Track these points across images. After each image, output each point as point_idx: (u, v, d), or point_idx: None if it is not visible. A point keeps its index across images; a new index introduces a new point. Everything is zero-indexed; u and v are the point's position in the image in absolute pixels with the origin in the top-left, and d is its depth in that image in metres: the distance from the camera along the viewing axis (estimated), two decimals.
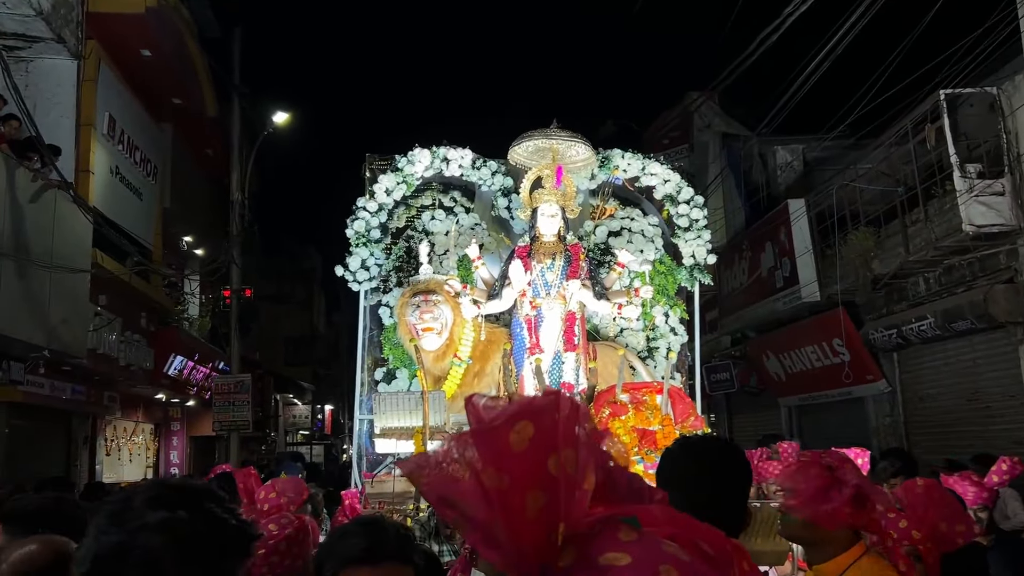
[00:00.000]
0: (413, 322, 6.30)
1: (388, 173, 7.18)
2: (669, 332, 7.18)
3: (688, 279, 7.23)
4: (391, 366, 7.10)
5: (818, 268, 12.06)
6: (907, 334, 10.49)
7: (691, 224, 7.24)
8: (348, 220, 7.14)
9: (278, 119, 16.80)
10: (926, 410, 11.04)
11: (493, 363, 6.56)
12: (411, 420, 5.01)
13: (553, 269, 6.45)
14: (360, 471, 7.11)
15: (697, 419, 5.07)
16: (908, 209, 9.81)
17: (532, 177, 6.66)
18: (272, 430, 29.20)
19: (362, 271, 7.08)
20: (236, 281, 16.96)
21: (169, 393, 16.90)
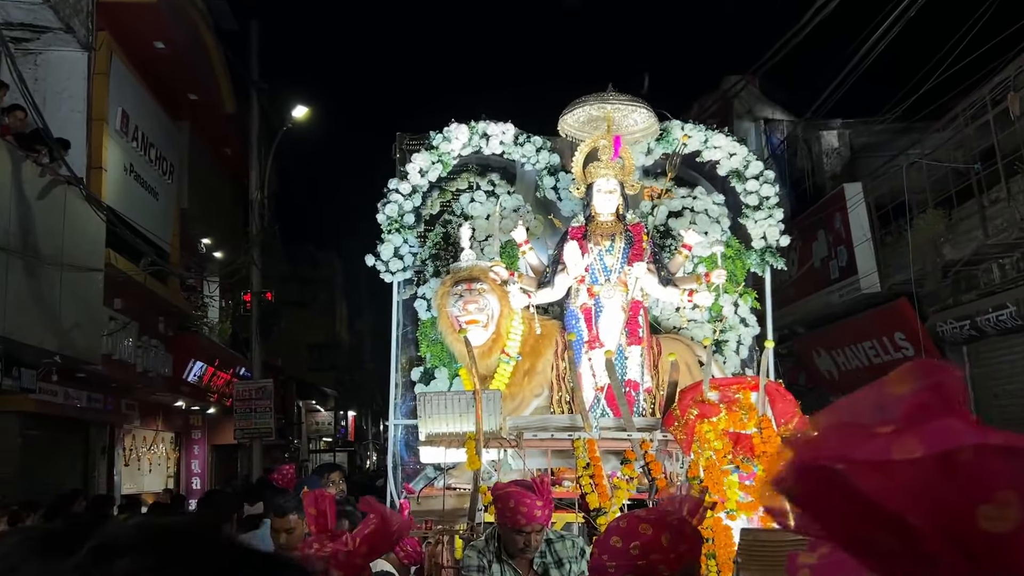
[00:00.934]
0: (456, 314, 5.57)
1: (422, 152, 6.46)
2: (739, 324, 6.41)
3: (759, 263, 6.46)
4: (429, 365, 6.39)
5: (878, 257, 11.22)
6: (982, 325, 9.64)
7: (761, 202, 6.47)
8: (379, 204, 6.44)
9: (298, 114, 16.13)
10: (1004, 409, 10.17)
11: (545, 360, 5.81)
12: (462, 424, 4.29)
13: (613, 252, 5.71)
14: (397, 483, 6.41)
15: (801, 420, 4.31)
16: (985, 188, 8.97)
17: (586, 149, 5.92)
18: (295, 437, 28.63)
19: (395, 260, 6.38)
20: (257, 283, 16.32)
21: (189, 400, 16.32)
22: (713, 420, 4.08)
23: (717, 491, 4.01)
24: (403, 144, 7.09)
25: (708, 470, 4.02)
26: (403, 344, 6.86)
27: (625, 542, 1.94)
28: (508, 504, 3.31)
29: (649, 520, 1.95)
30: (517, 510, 3.29)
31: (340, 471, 5.44)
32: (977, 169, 8.90)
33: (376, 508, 2.45)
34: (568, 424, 4.53)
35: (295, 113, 16.25)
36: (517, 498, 3.28)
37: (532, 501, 3.32)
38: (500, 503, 3.35)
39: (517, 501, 3.28)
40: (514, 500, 3.28)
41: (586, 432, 4.33)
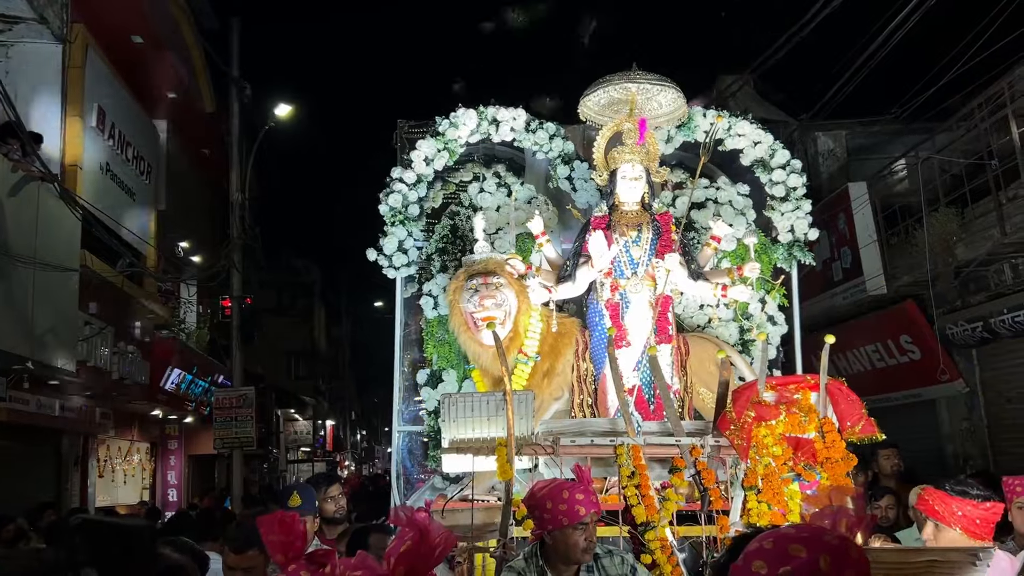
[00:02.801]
0: (471, 310, 5.14)
1: (427, 139, 6.04)
2: (767, 321, 6.02)
3: (786, 258, 6.09)
4: (436, 367, 5.94)
5: (884, 258, 10.91)
6: (996, 327, 9.33)
7: (788, 193, 6.10)
8: (381, 195, 6.00)
9: (280, 112, 15.63)
10: (1017, 412, 9.87)
11: (565, 360, 5.39)
12: (491, 429, 3.86)
13: (640, 243, 5.30)
14: (401, 494, 5.97)
15: (868, 423, 3.92)
16: (1003, 185, 8.67)
17: (609, 133, 5.52)
18: (274, 447, 28.05)
19: (399, 255, 5.94)
20: (237, 287, 15.77)
21: (166, 409, 15.76)
22: (771, 423, 3.68)
23: (777, 502, 3.62)
24: (404, 132, 6.68)
25: (767, 478, 3.62)
26: (405, 345, 6.43)
27: (772, 567, 1.51)
28: (561, 498, 3.03)
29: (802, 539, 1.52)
30: (573, 501, 3.03)
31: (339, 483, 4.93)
32: (994, 165, 8.61)
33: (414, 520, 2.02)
34: (609, 428, 4.12)
35: (278, 112, 15.74)
36: (569, 489, 3.04)
37: (585, 489, 3.09)
38: (550, 502, 3.05)
39: (571, 492, 3.03)
40: (568, 492, 3.03)
41: (630, 437, 3.92)
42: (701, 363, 5.39)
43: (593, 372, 5.33)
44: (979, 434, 10.37)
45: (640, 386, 5.09)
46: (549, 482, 3.17)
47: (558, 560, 3.15)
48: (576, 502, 3.04)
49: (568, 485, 3.09)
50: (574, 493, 3.06)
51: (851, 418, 3.86)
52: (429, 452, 5.86)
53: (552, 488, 3.08)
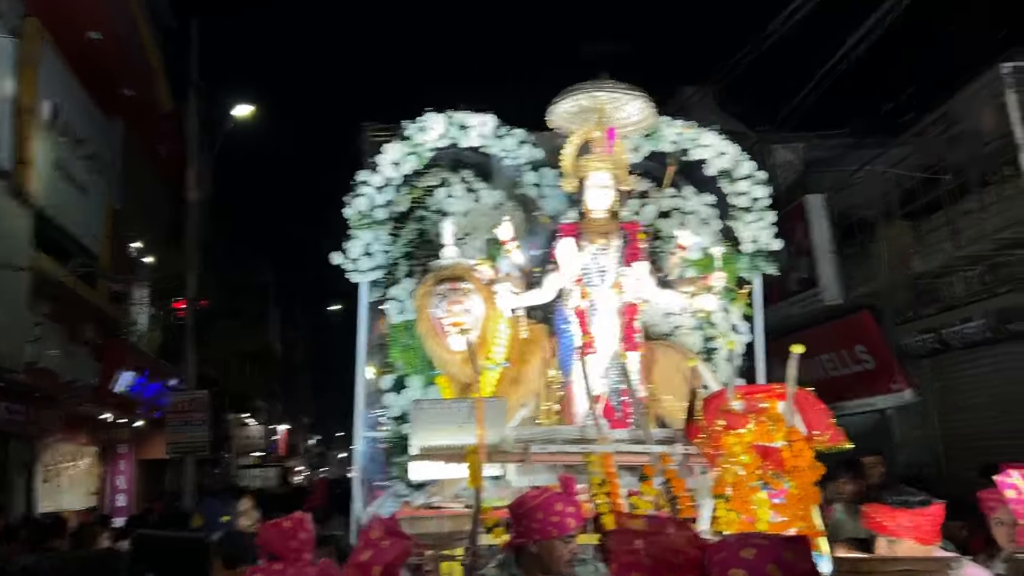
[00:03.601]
0: (439, 316, 5.10)
1: (395, 143, 5.99)
2: (730, 330, 6.08)
3: (749, 268, 6.15)
4: (401, 372, 5.89)
5: (840, 269, 11.12)
6: (948, 338, 9.56)
7: (752, 204, 6.17)
8: (347, 198, 5.94)
9: (239, 113, 15.43)
10: (968, 422, 10.10)
11: (532, 367, 5.38)
12: (461, 436, 3.82)
13: (608, 251, 5.32)
14: (364, 503, 5.90)
15: (835, 432, 3.96)
16: (956, 199, 8.88)
17: (578, 141, 5.53)
18: (226, 451, 27.61)
19: (364, 258, 5.88)
20: (192, 289, 15.51)
21: (116, 412, 15.42)
22: (740, 432, 3.71)
23: (746, 510, 3.64)
24: (370, 135, 6.63)
25: (736, 487, 3.64)
26: (368, 351, 6.37)
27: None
28: (552, 510, 3.03)
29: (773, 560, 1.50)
30: (564, 514, 3.04)
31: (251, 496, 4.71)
32: (948, 180, 8.82)
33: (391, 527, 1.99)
34: (579, 436, 4.12)
35: (237, 112, 15.54)
36: (563, 502, 3.05)
37: (575, 502, 3.10)
38: (541, 512, 3.04)
39: (563, 505, 3.04)
40: (560, 504, 3.03)
41: (601, 445, 3.91)
42: (666, 371, 5.41)
43: (560, 379, 5.33)
44: (931, 443, 10.59)
45: (607, 394, 5.10)
46: (541, 491, 3.17)
47: (538, 570, 3.14)
48: (567, 515, 3.06)
49: (560, 497, 3.10)
50: (566, 506, 3.08)
51: (819, 427, 3.90)
52: (392, 459, 5.81)
53: (545, 499, 3.08)
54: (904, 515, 3.17)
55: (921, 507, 3.18)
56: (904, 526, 3.13)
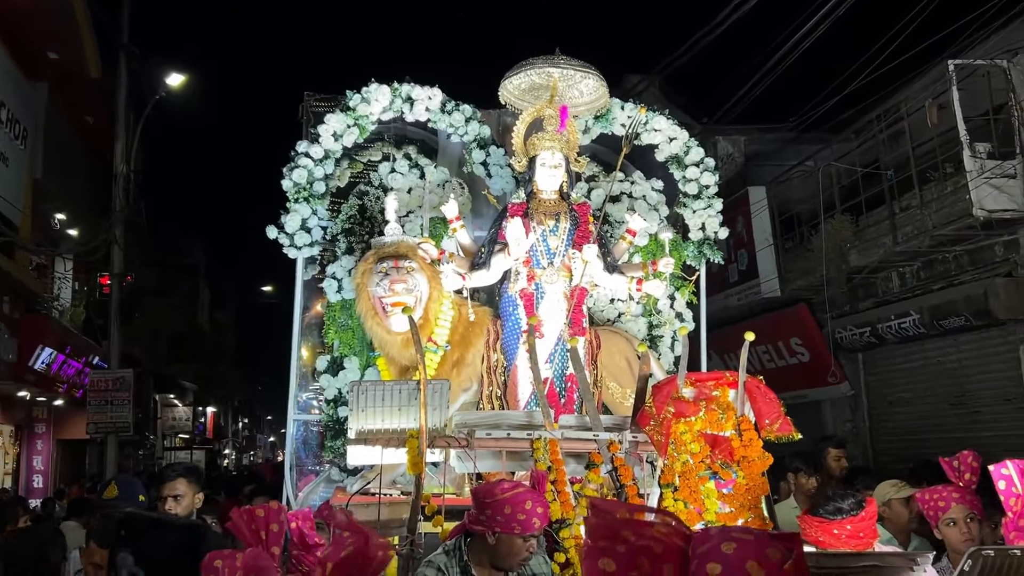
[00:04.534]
0: (380, 295, 4.88)
1: (336, 113, 5.74)
2: (675, 318, 6.00)
3: (696, 255, 6.08)
4: (337, 353, 5.66)
5: (779, 261, 11.20)
6: (883, 332, 9.69)
7: (700, 191, 6.09)
8: (285, 170, 5.68)
9: (173, 82, 14.84)
10: (897, 415, 10.29)
11: (476, 350, 5.21)
12: (401, 420, 3.64)
13: (557, 233, 5.17)
14: (294, 485, 5.67)
15: (785, 422, 3.89)
16: (897, 195, 8.98)
17: (529, 118, 5.36)
18: (151, 433, 26.85)
19: (302, 233, 5.63)
20: (118, 264, 14.90)
21: (34, 390, 14.77)
22: (690, 420, 3.61)
23: (694, 500, 3.54)
24: (311, 106, 6.36)
25: (684, 476, 3.54)
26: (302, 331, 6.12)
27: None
28: (522, 507, 2.93)
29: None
30: (532, 513, 2.94)
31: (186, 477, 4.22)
32: (890, 176, 8.91)
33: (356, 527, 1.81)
34: (525, 421, 3.96)
35: (170, 81, 14.94)
36: (533, 501, 2.97)
37: (542, 500, 3.03)
38: (510, 507, 2.93)
39: (533, 504, 2.96)
40: (531, 503, 2.95)
41: (548, 431, 3.77)
42: (611, 358, 5.31)
43: (504, 363, 5.18)
44: (861, 435, 10.76)
45: (552, 379, 4.97)
46: (514, 485, 3.08)
47: (490, 561, 3.02)
48: (535, 514, 2.97)
49: (532, 495, 3.02)
50: (536, 505, 2.99)
51: (769, 416, 3.83)
52: (326, 442, 5.59)
53: (516, 494, 2.98)
54: (839, 525, 3.07)
55: (853, 515, 3.10)
56: (840, 537, 3.02)
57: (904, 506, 4.38)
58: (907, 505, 4.36)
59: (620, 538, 1.39)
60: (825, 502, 3.25)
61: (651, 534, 1.39)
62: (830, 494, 3.42)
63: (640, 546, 1.37)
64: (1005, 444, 8.38)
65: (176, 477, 4.06)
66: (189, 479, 4.08)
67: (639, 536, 1.38)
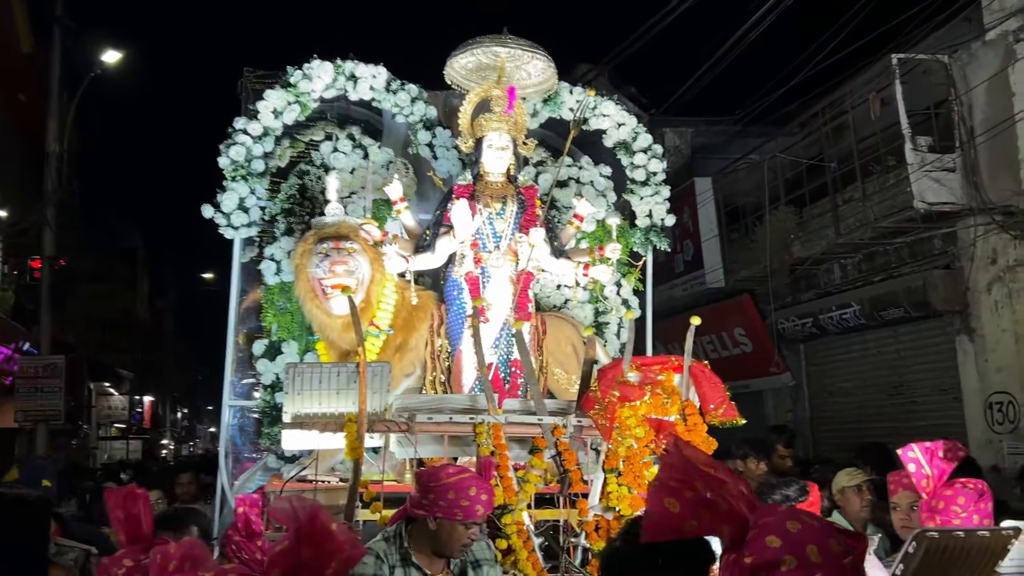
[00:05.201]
0: (320, 276, 4.73)
1: (276, 90, 5.57)
2: (621, 305, 5.96)
3: (643, 243, 6.05)
4: (275, 338, 5.50)
5: (724, 252, 11.27)
6: (824, 323, 9.81)
7: (648, 177, 6.06)
8: (222, 146, 5.48)
9: (109, 59, 14.36)
10: (837, 405, 10.44)
11: (419, 335, 5.09)
12: (339, 404, 3.51)
13: (504, 216, 5.07)
14: (228, 473, 5.50)
15: (729, 407, 3.86)
16: (840, 188, 9.08)
17: (476, 99, 5.25)
18: (85, 422, 26.12)
19: (239, 213, 5.45)
20: (50, 248, 14.42)
21: None
22: (635, 404, 3.55)
23: (638, 485, 3.49)
24: (250, 82, 6.16)
25: (628, 461, 3.48)
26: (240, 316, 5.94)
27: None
28: (465, 493, 2.85)
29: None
30: (476, 500, 2.87)
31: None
32: (833, 168, 9.00)
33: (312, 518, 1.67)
34: (468, 405, 3.87)
35: (105, 58, 14.45)
36: (477, 487, 2.90)
37: (486, 487, 2.96)
38: (453, 492, 2.85)
39: (477, 491, 2.88)
40: (475, 489, 2.88)
41: (491, 415, 3.68)
42: (557, 343, 5.24)
43: (448, 348, 5.07)
44: (802, 425, 10.89)
45: (497, 364, 4.88)
46: (459, 471, 2.99)
47: (431, 547, 2.92)
48: (479, 501, 2.89)
49: (476, 481, 2.94)
50: (480, 492, 2.91)
51: (714, 401, 3.80)
52: (264, 429, 5.43)
53: (461, 479, 2.89)
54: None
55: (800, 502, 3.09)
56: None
57: (856, 494, 4.36)
58: (859, 493, 4.35)
59: (692, 485, 1.43)
60: (771, 490, 3.24)
61: (722, 492, 1.43)
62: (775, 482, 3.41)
63: (707, 499, 1.42)
64: (939, 432, 8.45)
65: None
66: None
67: (710, 489, 1.42)
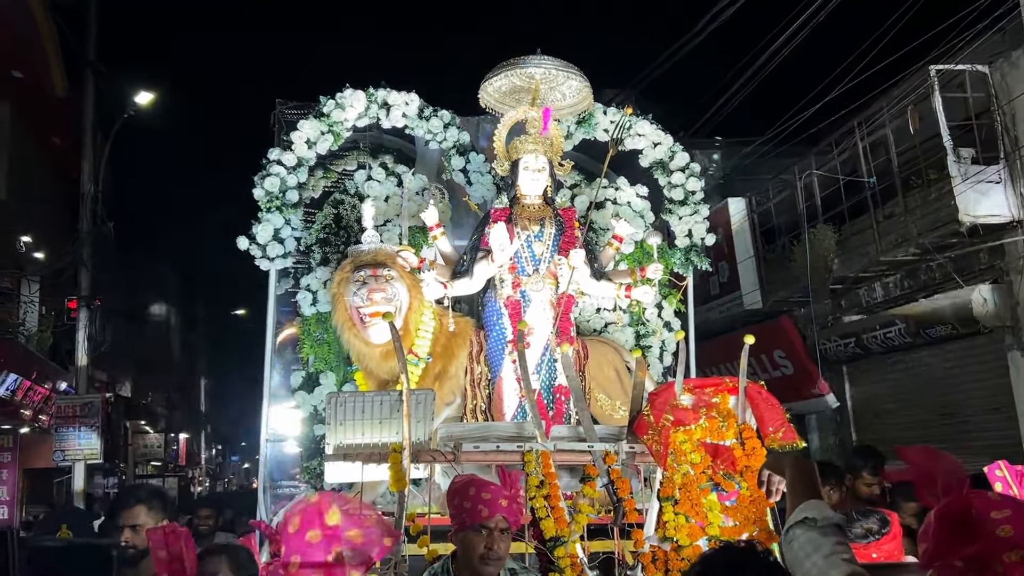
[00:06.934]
0: (357, 304, 4.64)
1: (310, 120, 5.53)
2: (663, 327, 5.82)
3: (683, 263, 5.91)
4: (312, 369, 5.42)
5: (761, 273, 11.08)
6: (868, 343, 9.57)
7: (687, 196, 5.94)
8: (256, 178, 5.45)
9: (141, 100, 14.56)
10: (883, 427, 10.15)
11: (458, 362, 4.98)
12: (383, 434, 3.40)
13: (542, 238, 4.97)
14: (267, 509, 5.40)
15: (789, 430, 3.69)
16: (880, 203, 8.89)
17: (511, 121, 5.18)
18: (122, 461, 26.26)
19: (274, 244, 5.39)
20: (85, 287, 14.54)
21: None
22: (690, 428, 3.41)
23: (696, 513, 3.34)
24: (282, 114, 6.15)
25: (685, 488, 3.33)
26: (276, 348, 5.87)
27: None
28: (467, 495, 2.67)
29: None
30: (477, 500, 2.66)
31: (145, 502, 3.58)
32: (872, 183, 8.82)
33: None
34: (515, 433, 3.74)
35: (138, 100, 14.65)
36: (478, 486, 2.69)
37: (497, 490, 2.71)
38: (458, 498, 2.69)
39: (478, 489, 2.68)
40: (474, 488, 2.68)
41: (540, 443, 3.55)
42: (600, 368, 5.11)
43: (488, 375, 4.96)
44: (847, 448, 10.60)
45: (540, 390, 4.75)
46: (465, 478, 2.81)
47: (465, 570, 2.75)
48: (480, 501, 2.66)
49: (478, 482, 2.73)
50: (480, 492, 2.68)
51: (772, 423, 3.63)
52: (303, 463, 5.33)
53: (464, 485, 2.71)
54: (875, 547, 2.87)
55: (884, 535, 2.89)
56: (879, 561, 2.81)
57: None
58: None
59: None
60: (850, 523, 3.00)
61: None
62: (854, 515, 3.16)
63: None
64: (994, 454, 8.25)
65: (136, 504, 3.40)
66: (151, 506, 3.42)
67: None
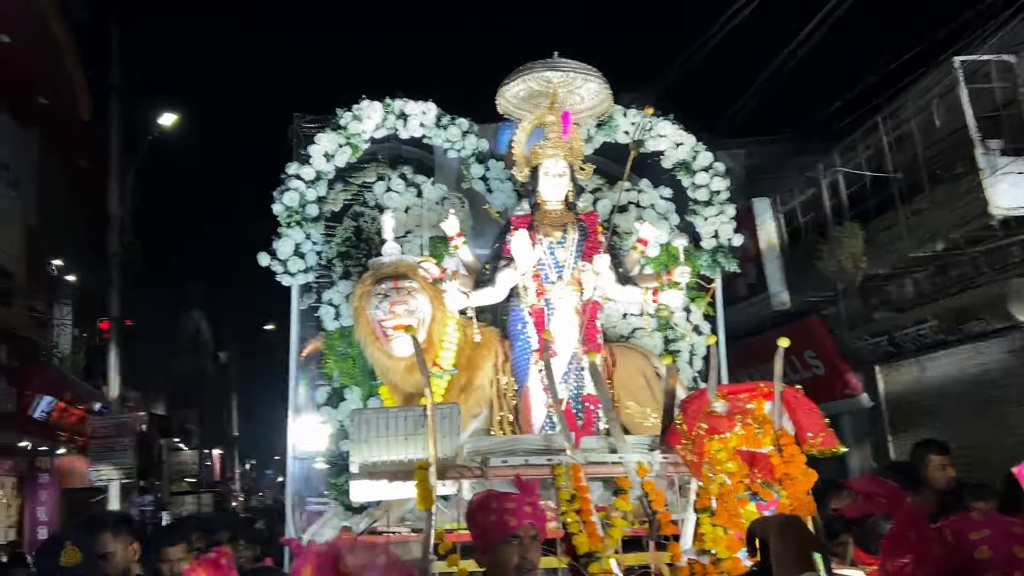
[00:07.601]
0: (380, 318, 4.60)
1: (327, 132, 5.51)
2: (692, 331, 5.71)
3: (710, 265, 5.81)
4: (337, 384, 5.37)
5: (788, 273, 10.90)
6: (900, 340, 9.37)
7: (711, 197, 5.84)
8: (275, 193, 5.43)
9: (165, 121, 14.69)
10: (919, 425, 9.91)
11: (484, 373, 4.92)
12: (408, 450, 3.34)
13: (565, 244, 4.91)
14: (295, 526, 5.36)
15: (828, 435, 3.56)
16: (908, 198, 8.70)
17: (530, 126, 5.12)
18: (157, 479, 26.45)
19: (295, 259, 5.37)
20: (116, 307, 14.68)
21: (36, 440, 14.44)
22: (725, 436, 3.31)
23: (734, 525, 3.23)
24: (300, 127, 6.13)
25: (722, 499, 3.23)
26: (301, 363, 5.84)
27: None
28: (489, 508, 2.56)
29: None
30: (502, 511, 2.54)
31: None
32: (898, 179, 8.65)
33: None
34: (543, 446, 3.67)
35: (162, 121, 14.79)
36: (499, 498, 2.58)
37: (519, 499, 2.61)
38: (480, 514, 2.57)
39: (500, 501, 2.57)
40: (496, 501, 2.57)
41: (570, 455, 3.47)
42: (629, 375, 5.02)
43: (514, 386, 4.89)
44: (882, 448, 10.40)
45: (568, 400, 4.67)
46: (482, 494, 2.69)
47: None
48: (505, 511, 2.53)
49: (499, 494, 2.63)
50: (503, 503, 2.57)
51: (811, 429, 3.50)
52: (330, 480, 5.28)
53: (483, 498, 2.60)
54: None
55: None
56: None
57: None
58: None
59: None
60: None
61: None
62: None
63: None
64: None
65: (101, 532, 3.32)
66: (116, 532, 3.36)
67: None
